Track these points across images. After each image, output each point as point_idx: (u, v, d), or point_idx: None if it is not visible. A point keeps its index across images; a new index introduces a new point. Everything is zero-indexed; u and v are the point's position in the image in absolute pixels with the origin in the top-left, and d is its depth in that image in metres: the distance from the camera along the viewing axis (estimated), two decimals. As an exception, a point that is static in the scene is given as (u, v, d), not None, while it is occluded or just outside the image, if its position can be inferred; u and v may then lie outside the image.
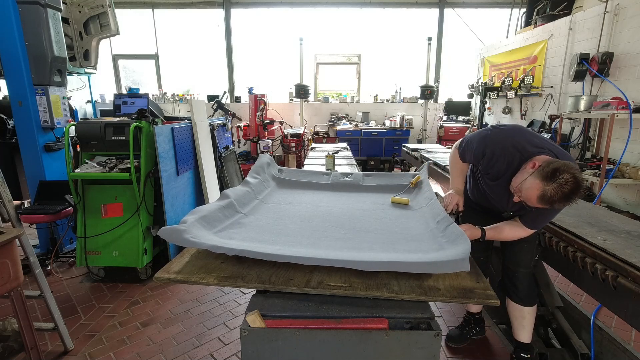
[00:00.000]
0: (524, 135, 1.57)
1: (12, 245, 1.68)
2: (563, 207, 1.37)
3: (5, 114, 3.35)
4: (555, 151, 1.51)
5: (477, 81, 6.43)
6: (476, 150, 1.67)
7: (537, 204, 1.38)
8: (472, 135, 1.75)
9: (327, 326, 1.11)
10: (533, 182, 1.37)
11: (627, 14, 4.00)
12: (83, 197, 2.86)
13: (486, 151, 1.62)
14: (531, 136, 1.57)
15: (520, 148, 1.52)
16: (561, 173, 1.30)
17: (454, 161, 1.89)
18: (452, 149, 1.90)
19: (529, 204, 1.43)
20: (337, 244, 1.40)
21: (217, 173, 4.05)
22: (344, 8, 7.82)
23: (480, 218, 1.80)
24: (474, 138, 1.71)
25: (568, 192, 1.29)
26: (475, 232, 1.62)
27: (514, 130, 1.61)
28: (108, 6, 3.79)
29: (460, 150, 1.80)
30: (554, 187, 1.31)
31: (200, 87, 8.13)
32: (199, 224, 1.36)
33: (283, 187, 2.25)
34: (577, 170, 1.32)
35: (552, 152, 1.50)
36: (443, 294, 1.11)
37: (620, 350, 1.78)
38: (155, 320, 2.47)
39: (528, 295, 1.85)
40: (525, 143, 1.52)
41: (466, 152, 1.77)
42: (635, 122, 3.75)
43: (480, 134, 1.69)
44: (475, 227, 1.64)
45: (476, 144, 1.68)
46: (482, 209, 1.91)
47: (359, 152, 7.04)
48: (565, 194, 1.30)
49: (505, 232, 1.67)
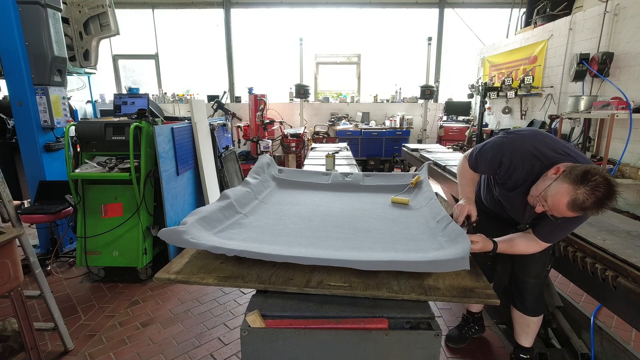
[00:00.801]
0: (544, 140, 1.43)
1: (12, 245, 1.68)
2: (595, 214, 1.21)
3: (5, 114, 3.35)
4: (578, 158, 1.38)
5: (477, 81, 6.42)
6: (491, 160, 1.52)
7: (567, 212, 1.23)
8: (484, 144, 1.59)
9: (327, 326, 1.11)
10: (561, 187, 1.22)
11: (627, 14, 4.00)
12: (83, 197, 2.86)
13: (503, 160, 1.47)
14: (551, 141, 1.43)
15: (540, 155, 1.38)
16: (593, 175, 1.16)
17: (463, 171, 1.72)
18: (461, 161, 1.74)
19: (555, 213, 1.28)
20: (337, 244, 1.40)
21: (217, 173, 4.05)
22: (344, 8, 7.83)
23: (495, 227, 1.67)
24: (488, 146, 1.55)
25: (602, 196, 1.15)
26: (487, 245, 1.47)
27: (532, 136, 1.46)
28: (108, 6, 3.79)
29: (471, 161, 1.64)
30: (586, 191, 1.16)
31: (200, 87, 8.13)
32: (199, 225, 1.36)
33: (283, 188, 2.25)
34: (608, 174, 1.19)
35: (575, 159, 1.36)
36: (443, 294, 1.11)
37: (620, 350, 1.78)
38: (155, 320, 2.47)
39: (535, 306, 1.75)
40: (545, 149, 1.39)
41: (479, 162, 1.60)
42: (635, 122, 3.75)
43: (495, 142, 1.53)
44: (488, 239, 1.48)
45: (491, 152, 1.53)
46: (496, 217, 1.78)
47: (359, 152, 7.05)
48: (599, 198, 1.15)
49: (518, 247, 1.51)
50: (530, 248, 1.51)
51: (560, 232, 1.46)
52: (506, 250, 1.51)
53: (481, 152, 1.58)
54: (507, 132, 1.52)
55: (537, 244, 1.48)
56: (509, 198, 1.57)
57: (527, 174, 1.42)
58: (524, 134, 1.47)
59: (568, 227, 1.44)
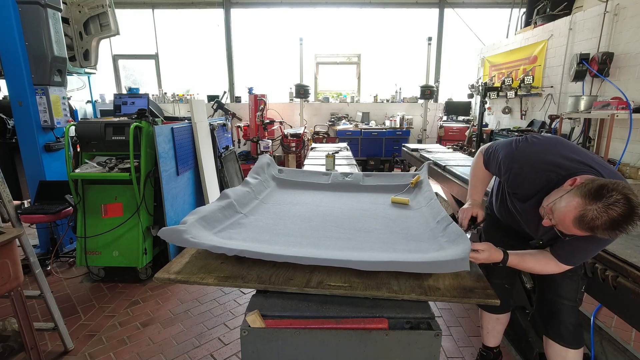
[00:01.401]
0: (563, 149, 1.28)
1: (12, 245, 1.68)
2: (607, 236, 1.06)
3: (5, 114, 3.35)
4: (602, 170, 1.20)
5: (477, 81, 6.43)
6: (502, 163, 1.40)
7: (573, 229, 1.10)
8: (501, 142, 1.48)
9: (327, 326, 1.11)
10: (570, 200, 1.08)
11: (627, 14, 4.00)
12: (83, 197, 2.86)
13: (513, 166, 1.34)
14: (572, 151, 1.27)
15: (557, 165, 1.24)
16: (609, 191, 1.02)
17: (476, 168, 1.59)
18: (477, 154, 1.61)
19: (561, 228, 1.14)
20: (337, 244, 1.40)
21: (217, 173, 4.05)
22: (344, 8, 7.82)
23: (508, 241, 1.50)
24: (502, 147, 1.44)
25: (617, 216, 1.00)
26: (495, 255, 1.31)
27: (550, 144, 1.31)
28: (108, 6, 3.79)
29: (486, 156, 1.53)
30: (598, 208, 1.02)
31: (200, 87, 8.13)
32: (199, 225, 1.36)
33: (283, 188, 2.25)
34: (632, 192, 1.02)
35: (599, 171, 1.19)
36: (443, 294, 1.11)
37: (620, 350, 1.78)
38: (155, 320, 2.47)
39: (574, 334, 1.49)
40: (563, 159, 1.24)
41: (491, 160, 1.49)
42: (635, 122, 3.75)
43: (509, 145, 1.41)
44: (497, 248, 1.33)
45: (502, 154, 1.40)
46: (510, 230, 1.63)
47: (359, 152, 7.05)
48: (613, 218, 1.00)
49: (531, 263, 1.35)
50: (547, 268, 1.34)
51: (580, 254, 1.29)
52: (518, 264, 1.36)
53: (496, 151, 1.47)
54: (526, 137, 1.38)
55: (555, 264, 1.32)
56: (522, 210, 1.44)
57: (540, 185, 1.27)
58: (540, 141, 1.34)
59: (590, 248, 1.26)
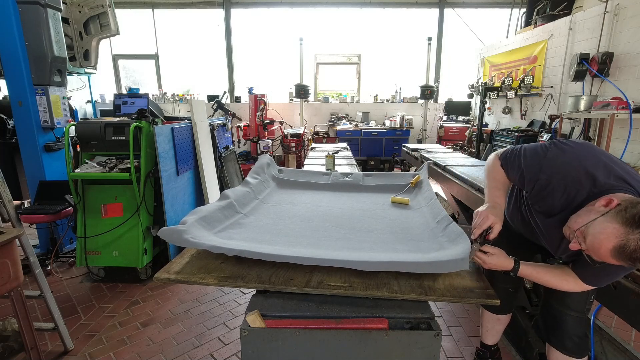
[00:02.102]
0: (599, 159, 1.13)
1: (12, 245, 1.68)
2: None
3: (5, 114, 3.35)
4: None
5: (477, 81, 6.43)
6: (526, 172, 1.25)
7: (609, 258, 0.99)
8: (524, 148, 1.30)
9: (327, 326, 1.11)
10: (608, 227, 0.97)
11: (627, 14, 4.00)
12: (83, 197, 2.86)
13: (540, 177, 1.19)
14: (609, 162, 1.13)
15: (591, 177, 1.10)
16: None
17: (494, 171, 1.39)
18: (491, 159, 1.43)
19: (594, 256, 1.03)
20: (337, 244, 1.40)
21: (217, 173, 4.05)
22: (344, 8, 7.83)
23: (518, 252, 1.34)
24: (528, 152, 1.27)
25: None
26: (505, 263, 1.23)
27: (584, 152, 1.16)
28: (108, 6, 3.79)
29: (503, 162, 1.35)
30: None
31: (200, 87, 8.13)
32: (199, 225, 1.36)
33: (283, 188, 2.25)
34: None
35: (636, 189, 1.08)
36: (443, 294, 1.11)
37: (620, 350, 1.78)
38: (155, 320, 2.47)
39: (579, 345, 1.41)
40: (599, 171, 1.11)
41: (511, 166, 1.31)
42: (635, 122, 3.75)
43: (536, 151, 1.25)
44: (508, 256, 1.24)
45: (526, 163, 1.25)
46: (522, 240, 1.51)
47: (359, 152, 7.05)
48: None
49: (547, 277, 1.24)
50: (565, 285, 1.23)
51: (606, 277, 1.19)
52: (531, 275, 1.25)
53: (517, 157, 1.29)
54: (554, 143, 1.23)
55: (575, 282, 1.21)
56: (544, 226, 1.29)
57: (569, 199, 1.15)
58: (573, 148, 1.18)
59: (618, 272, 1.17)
